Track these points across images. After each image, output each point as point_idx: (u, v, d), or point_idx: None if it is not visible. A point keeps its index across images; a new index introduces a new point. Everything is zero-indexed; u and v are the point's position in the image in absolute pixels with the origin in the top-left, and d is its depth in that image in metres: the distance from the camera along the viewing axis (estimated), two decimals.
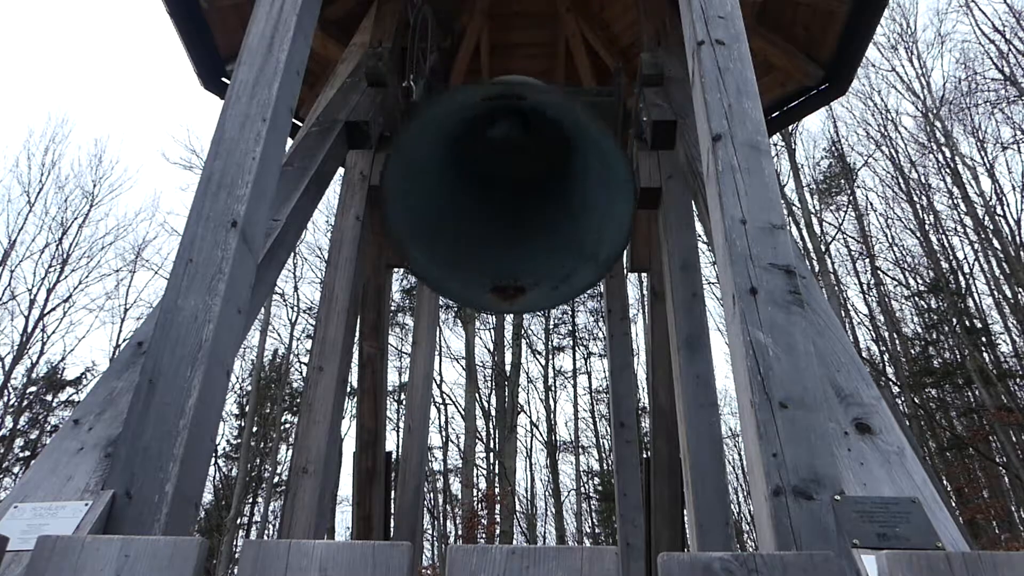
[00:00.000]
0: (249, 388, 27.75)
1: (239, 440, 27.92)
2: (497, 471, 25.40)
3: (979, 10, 25.85)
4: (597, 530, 28.27)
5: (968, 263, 25.66)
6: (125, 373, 2.21)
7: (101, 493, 1.83)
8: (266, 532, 25.36)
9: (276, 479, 26.15)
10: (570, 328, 30.47)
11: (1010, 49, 24.25)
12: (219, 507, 26.36)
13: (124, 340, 23.89)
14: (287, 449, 26.58)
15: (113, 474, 1.87)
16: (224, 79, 5.24)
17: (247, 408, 27.04)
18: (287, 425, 27.61)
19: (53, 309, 25.67)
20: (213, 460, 26.27)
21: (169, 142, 72.55)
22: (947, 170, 25.35)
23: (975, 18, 27.22)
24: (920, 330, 26.47)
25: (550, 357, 30.24)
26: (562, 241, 4.15)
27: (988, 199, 24.50)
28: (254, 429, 26.60)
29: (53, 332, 26.18)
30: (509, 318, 27.82)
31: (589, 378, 30.44)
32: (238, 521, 24.22)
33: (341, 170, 4.30)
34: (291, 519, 3.13)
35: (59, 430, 2.12)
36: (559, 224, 4.22)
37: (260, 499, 27.44)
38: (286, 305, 27.95)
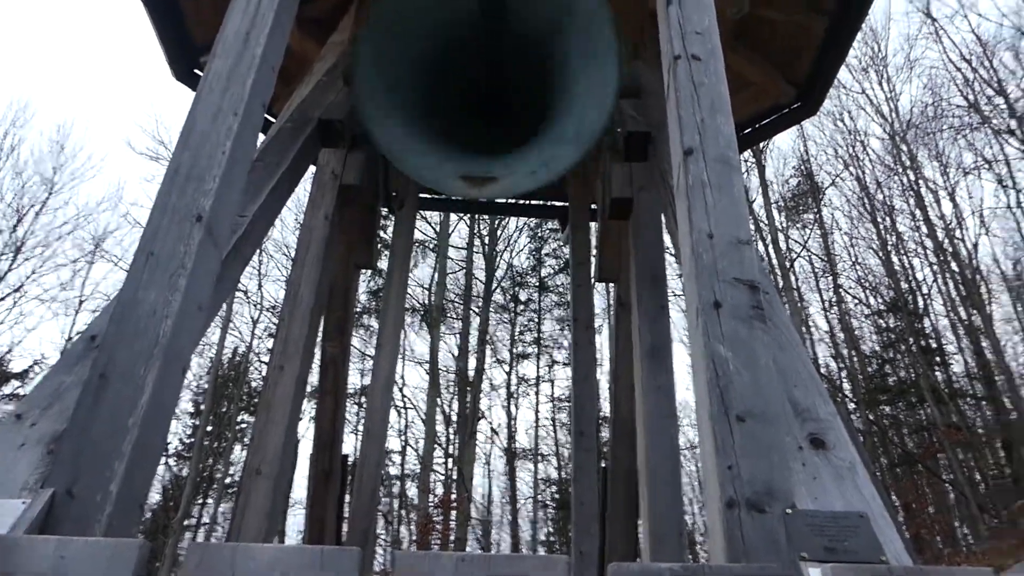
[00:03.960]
0: (206, 386, 27.25)
1: (192, 439, 27.38)
2: (455, 477, 25.28)
3: (948, 38, 26.58)
4: (552, 538, 28.25)
5: (927, 284, 26.36)
6: (76, 367, 2.15)
7: (41, 491, 1.77)
8: (215, 535, 24.90)
9: (228, 480, 25.69)
10: (536, 336, 30.49)
11: (975, 78, 25.03)
12: (167, 508, 25.80)
13: (78, 333, 23.29)
14: (242, 449, 26.14)
15: (55, 472, 1.81)
16: (197, 71, 5.15)
17: (202, 406, 26.55)
18: (243, 425, 27.15)
19: (3, 299, 24.90)
20: (163, 459, 25.76)
21: (136, 132, 71.00)
22: (911, 192, 26.01)
23: (943, 45, 27.95)
24: (878, 348, 27.03)
25: (514, 364, 30.23)
26: (541, 132, 4.06)
27: (948, 222, 25.21)
28: (208, 428, 26.10)
29: (1, 323, 25.39)
30: (475, 324, 27.80)
31: (552, 386, 30.49)
32: (186, 523, 23.73)
33: (312, 168, 4.26)
34: (241, 521, 3.07)
35: None
36: (538, 114, 4.10)
37: (211, 500, 26.94)
38: (249, 303, 27.50)
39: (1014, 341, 26.08)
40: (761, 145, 25.71)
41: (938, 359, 24.32)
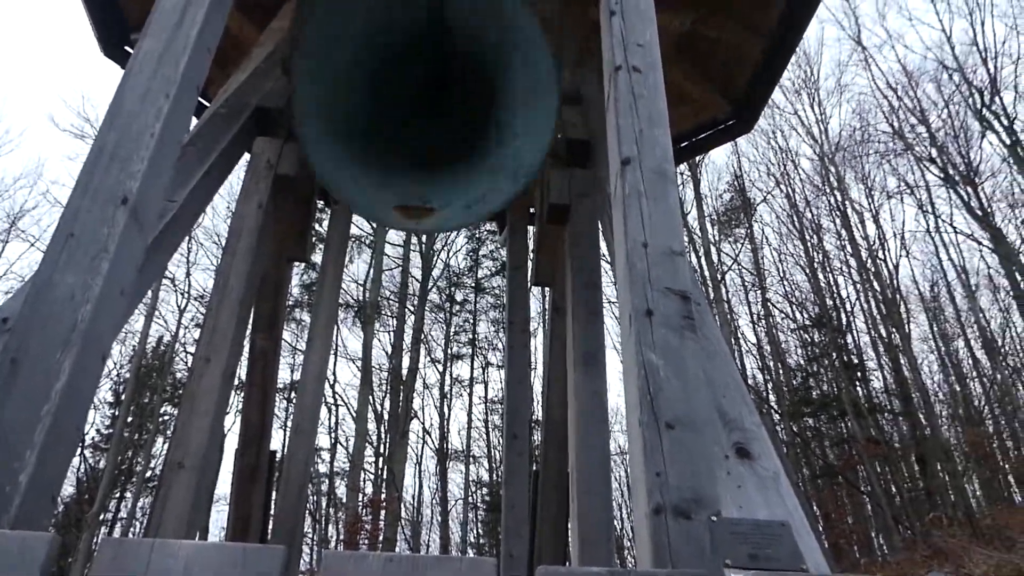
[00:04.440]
0: (127, 375, 26.25)
1: (111, 430, 26.33)
2: (385, 476, 25.01)
3: (876, 67, 27.84)
4: (482, 540, 28.26)
5: (850, 302, 27.45)
6: None
7: None
8: (132, 530, 24.01)
9: (149, 473, 24.81)
10: (471, 336, 30.46)
11: (900, 106, 26.26)
12: (81, 501, 24.71)
13: None
14: (164, 442, 25.28)
15: None
16: (128, 48, 4.95)
17: (123, 396, 25.55)
18: (166, 417, 26.26)
19: None
20: (80, 450, 24.68)
21: (60, 106, 67.91)
22: (837, 212, 27.05)
23: (872, 73, 29.20)
24: (802, 362, 27.98)
25: (448, 364, 30.13)
26: (479, 162, 4.05)
27: (872, 243, 26.34)
28: (129, 419, 25.13)
29: None
30: (410, 322, 27.59)
31: (485, 388, 30.52)
32: (101, 517, 22.79)
33: (247, 156, 4.15)
34: (161, 517, 2.96)
35: None
36: (476, 144, 4.08)
37: (129, 494, 25.95)
38: (176, 291, 26.64)
39: (929, 360, 27.49)
40: (697, 159, 26.37)
41: (859, 375, 25.33)
